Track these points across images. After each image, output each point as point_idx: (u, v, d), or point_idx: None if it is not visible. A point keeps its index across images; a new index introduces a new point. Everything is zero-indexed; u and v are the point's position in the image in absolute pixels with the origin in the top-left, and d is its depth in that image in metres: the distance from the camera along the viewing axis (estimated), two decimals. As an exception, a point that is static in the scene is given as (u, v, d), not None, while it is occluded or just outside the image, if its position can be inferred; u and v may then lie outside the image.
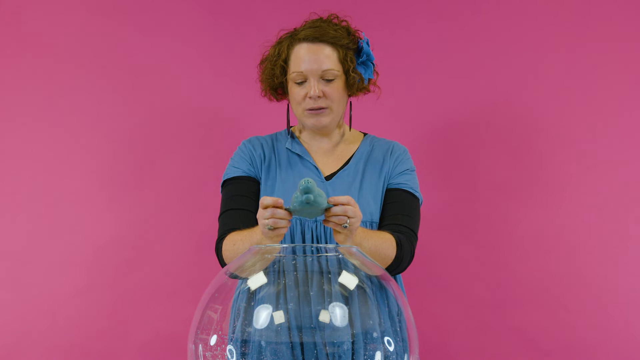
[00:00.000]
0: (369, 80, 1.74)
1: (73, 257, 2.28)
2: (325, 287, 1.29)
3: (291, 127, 1.80)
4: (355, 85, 1.68)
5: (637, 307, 2.32)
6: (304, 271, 1.32)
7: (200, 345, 1.29)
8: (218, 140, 2.39)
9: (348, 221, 1.40)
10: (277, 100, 1.77)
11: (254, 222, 1.60)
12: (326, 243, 1.65)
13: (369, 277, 1.31)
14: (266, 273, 1.34)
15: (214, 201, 2.31)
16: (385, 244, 1.57)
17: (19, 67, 2.36)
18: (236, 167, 1.73)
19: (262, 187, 1.72)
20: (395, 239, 1.60)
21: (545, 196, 2.39)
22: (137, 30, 2.41)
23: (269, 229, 1.40)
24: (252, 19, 2.46)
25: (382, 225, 1.69)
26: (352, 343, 1.27)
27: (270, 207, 1.39)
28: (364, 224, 1.66)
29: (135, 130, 2.37)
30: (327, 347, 1.26)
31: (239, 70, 2.40)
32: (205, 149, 2.38)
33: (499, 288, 2.36)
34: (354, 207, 1.41)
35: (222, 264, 1.65)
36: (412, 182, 1.75)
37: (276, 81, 1.69)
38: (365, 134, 1.83)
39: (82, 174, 2.34)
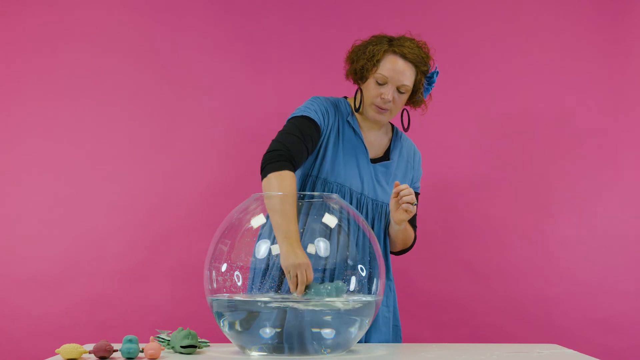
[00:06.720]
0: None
1: (114, 202, 2.51)
2: (312, 225, 1.57)
3: (346, 97, 2.00)
4: (415, 101, 1.96)
5: (637, 307, 2.43)
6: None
7: (213, 271, 1.52)
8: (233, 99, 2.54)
9: (415, 202, 1.77)
10: (353, 82, 1.98)
11: (304, 158, 1.81)
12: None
13: (346, 218, 1.58)
14: (266, 215, 1.59)
15: (226, 153, 2.51)
16: (410, 236, 1.97)
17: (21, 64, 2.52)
18: (315, 112, 1.90)
19: (330, 149, 1.90)
20: (414, 236, 2.00)
21: (545, 197, 2.46)
22: (139, 24, 2.54)
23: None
24: (254, 17, 2.58)
25: None
26: (333, 270, 1.56)
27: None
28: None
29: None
30: (314, 273, 1.53)
31: (246, 63, 2.56)
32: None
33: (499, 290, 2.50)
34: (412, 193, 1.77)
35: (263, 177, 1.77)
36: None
37: (364, 73, 1.91)
38: (392, 126, 2.06)
39: (118, 136, 2.53)
